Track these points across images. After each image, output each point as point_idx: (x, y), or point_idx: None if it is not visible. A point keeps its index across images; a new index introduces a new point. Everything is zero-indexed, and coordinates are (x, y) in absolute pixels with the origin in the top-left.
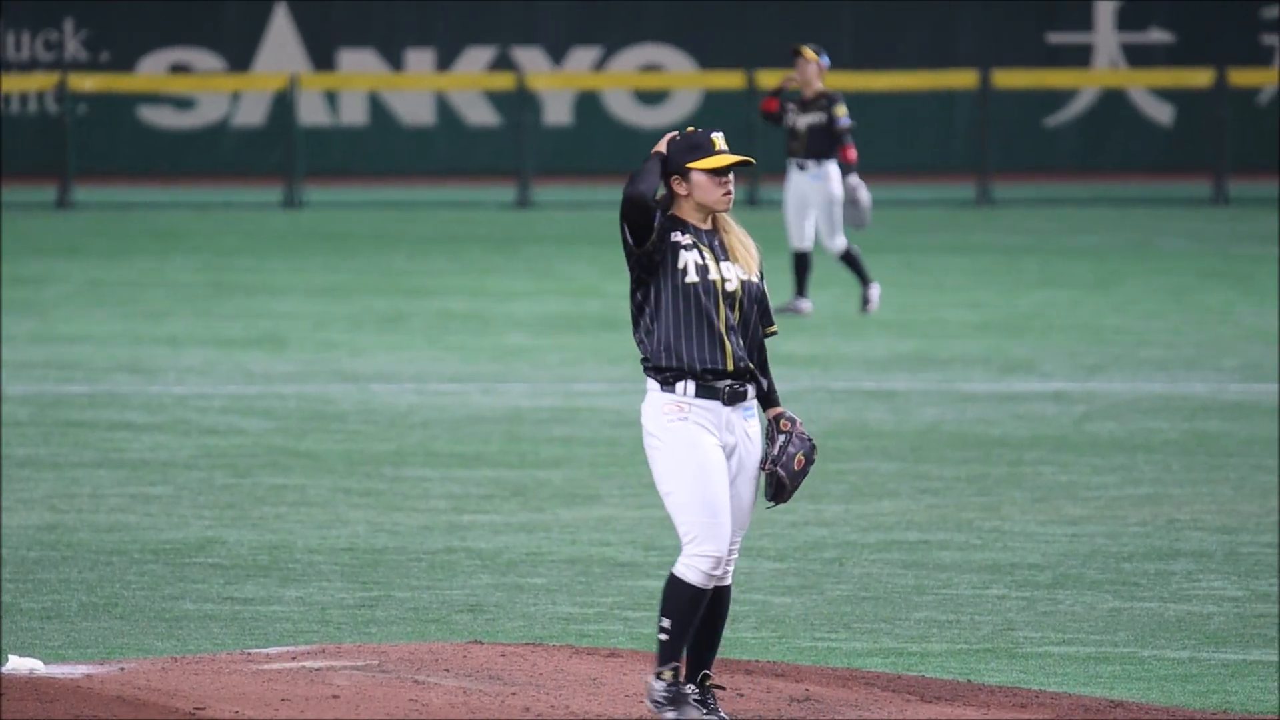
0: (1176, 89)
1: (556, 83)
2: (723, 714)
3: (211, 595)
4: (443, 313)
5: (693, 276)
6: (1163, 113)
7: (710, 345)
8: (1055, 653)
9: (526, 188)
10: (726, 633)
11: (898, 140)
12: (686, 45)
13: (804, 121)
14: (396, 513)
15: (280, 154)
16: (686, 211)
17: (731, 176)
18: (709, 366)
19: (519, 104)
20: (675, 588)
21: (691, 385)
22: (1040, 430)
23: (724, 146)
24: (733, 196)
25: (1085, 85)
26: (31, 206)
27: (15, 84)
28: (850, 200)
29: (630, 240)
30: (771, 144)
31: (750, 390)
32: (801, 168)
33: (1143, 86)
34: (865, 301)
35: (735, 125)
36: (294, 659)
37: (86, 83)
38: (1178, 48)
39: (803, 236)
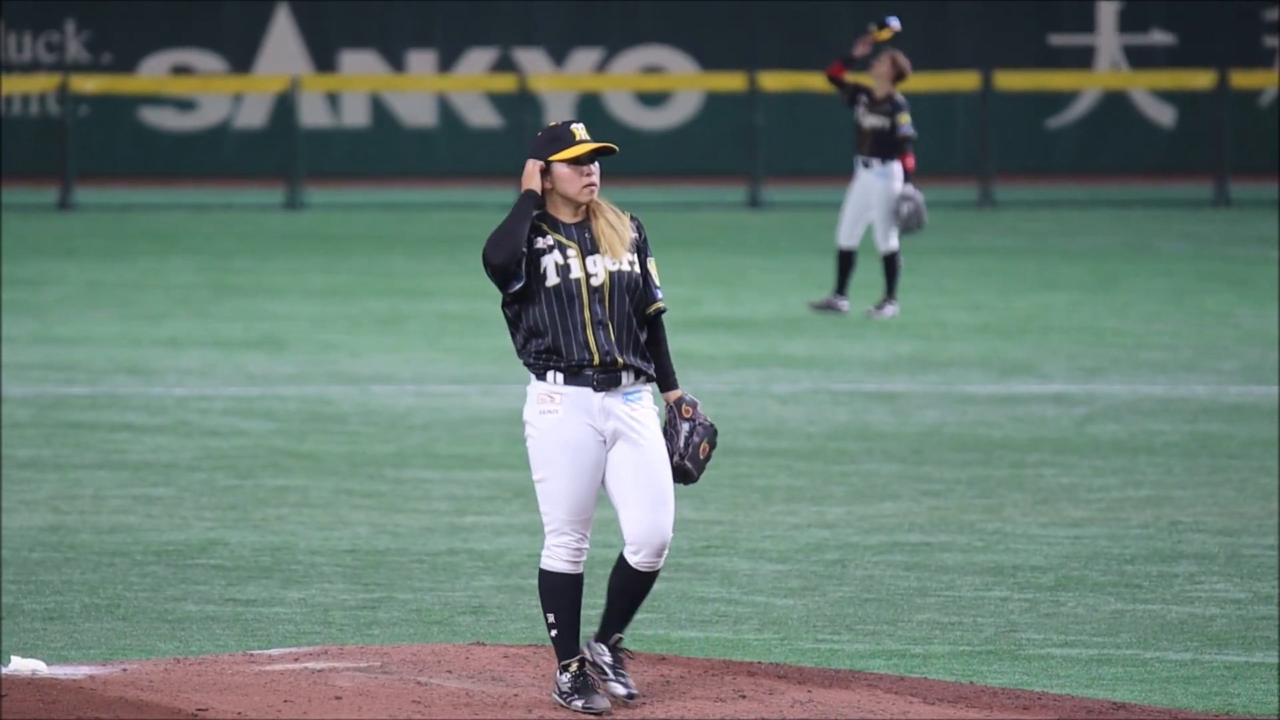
0: (1178, 91)
1: (558, 84)
2: (629, 682)
3: (214, 596)
4: (442, 314)
5: (553, 279)
6: (1164, 114)
7: (576, 342)
8: (1058, 654)
9: None
10: (728, 634)
11: None
12: (688, 47)
13: (868, 122)
14: (398, 514)
15: (281, 156)
16: (556, 206)
17: (596, 167)
18: (573, 362)
19: (520, 106)
20: (547, 580)
21: (560, 375)
22: (1041, 432)
23: (584, 137)
24: (596, 187)
25: (1087, 87)
26: (32, 208)
27: (17, 85)
28: (896, 209)
29: (500, 288)
30: (773, 146)
31: (626, 376)
32: (867, 165)
33: (1144, 88)
34: (878, 309)
35: (737, 127)
36: (296, 660)
37: (88, 84)
38: (1179, 49)
39: (852, 235)
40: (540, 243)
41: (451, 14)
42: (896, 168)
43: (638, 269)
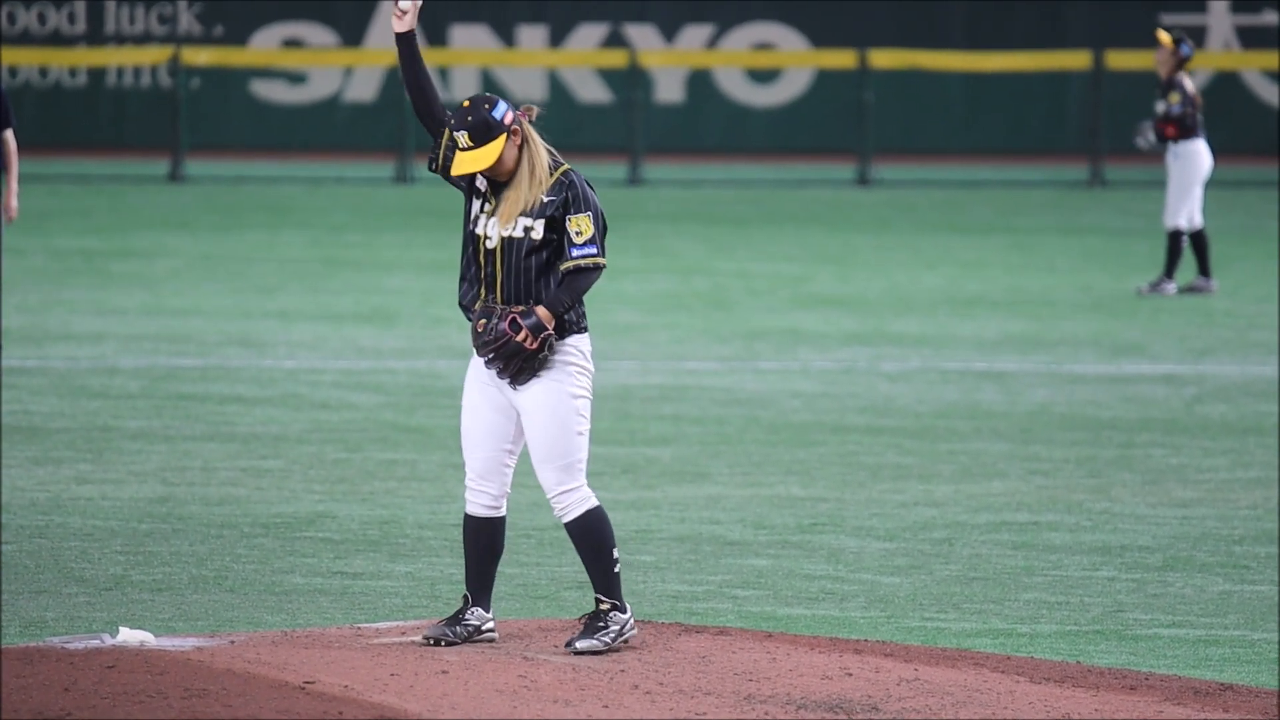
0: None
1: (668, 60)
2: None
3: (321, 569)
4: None
5: (470, 225)
6: (1275, 95)
7: (471, 293)
8: (1165, 635)
9: (637, 165)
10: (835, 612)
11: (1009, 121)
12: (798, 23)
13: (1159, 107)
14: None
15: (391, 129)
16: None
17: (490, 152)
18: (470, 311)
19: (631, 81)
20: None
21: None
22: (1150, 413)
23: (465, 144)
24: (499, 172)
25: (1198, 67)
26: (144, 180)
27: (129, 57)
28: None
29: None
30: (883, 124)
31: None
32: (1165, 150)
33: (1256, 69)
34: (1152, 286)
35: (847, 104)
36: (403, 634)
37: (200, 57)
38: None
39: (1189, 217)
40: (479, 184)
41: None
42: (1189, 146)
43: (538, 234)
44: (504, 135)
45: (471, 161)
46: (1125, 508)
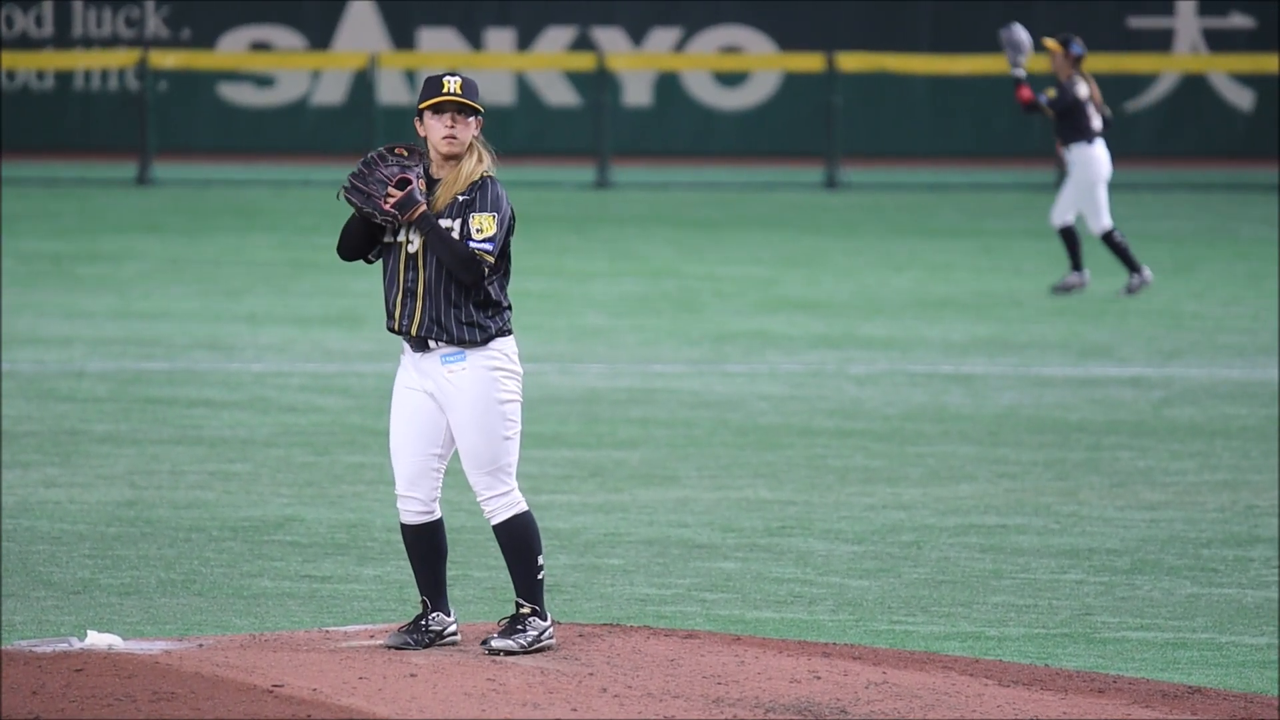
0: (1257, 74)
1: (636, 63)
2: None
3: (290, 573)
4: (520, 292)
5: (389, 237)
6: (1243, 98)
7: (391, 303)
8: (1133, 638)
9: (605, 168)
10: (803, 615)
11: (977, 124)
12: (766, 27)
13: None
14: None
15: (360, 133)
16: (433, 157)
17: (463, 120)
18: (392, 324)
19: (598, 84)
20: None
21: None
22: (1118, 415)
23: (452, 90)
24: (455, 140)
25: (1166, 70)
26: (111, 183)
27: (96, 60)
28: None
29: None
30: (851, 127)
31: (433, 342)
32: (1065, 150)
33: (1223, 71)
34: (1127, 290)
35: (815, 107)
36: (371, 637)
37: (167, 60)
38: (1259, 33)
39: (1061, 216)
40: None
41: None
42: (1080, 151)
43: (457, 234)
44: (478, 116)
45: (457, 100)
46: (1093, 510)
